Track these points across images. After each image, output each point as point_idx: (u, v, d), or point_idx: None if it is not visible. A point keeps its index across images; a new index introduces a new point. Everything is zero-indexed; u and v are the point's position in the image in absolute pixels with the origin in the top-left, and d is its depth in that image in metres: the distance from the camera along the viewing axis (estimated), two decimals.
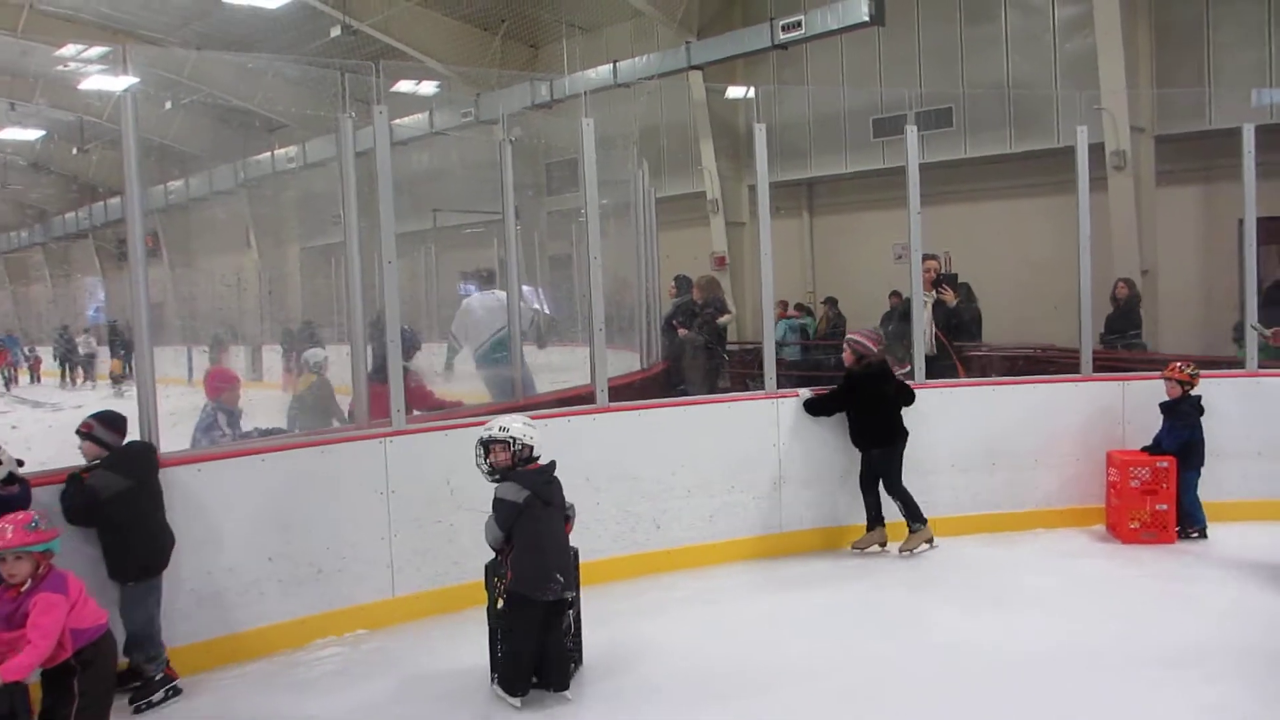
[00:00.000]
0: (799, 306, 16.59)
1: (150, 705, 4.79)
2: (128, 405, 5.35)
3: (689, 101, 18.21)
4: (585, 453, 6.42)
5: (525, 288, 7.78)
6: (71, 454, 5.01)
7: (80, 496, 4.77)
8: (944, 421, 7.38)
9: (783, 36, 14.88)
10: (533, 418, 5.24)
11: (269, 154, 22.85)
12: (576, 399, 7.24)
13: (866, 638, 5.54)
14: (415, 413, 6.61)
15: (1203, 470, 7.18)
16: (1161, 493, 7.07)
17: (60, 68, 19.64)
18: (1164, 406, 7.20)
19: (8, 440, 4.87)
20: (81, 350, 22.56)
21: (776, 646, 5.42)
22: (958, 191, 14.20)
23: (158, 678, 4.87)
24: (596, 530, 6.40)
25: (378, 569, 5.80)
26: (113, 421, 5.06)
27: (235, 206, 26.03)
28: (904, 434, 7.05)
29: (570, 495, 6.38)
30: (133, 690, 4.81)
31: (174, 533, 5.06)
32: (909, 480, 7.02)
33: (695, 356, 9.75)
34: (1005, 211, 14.77)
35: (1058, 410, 7.58)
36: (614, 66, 16.83)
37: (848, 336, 7.38)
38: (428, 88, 19.39)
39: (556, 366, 9.34)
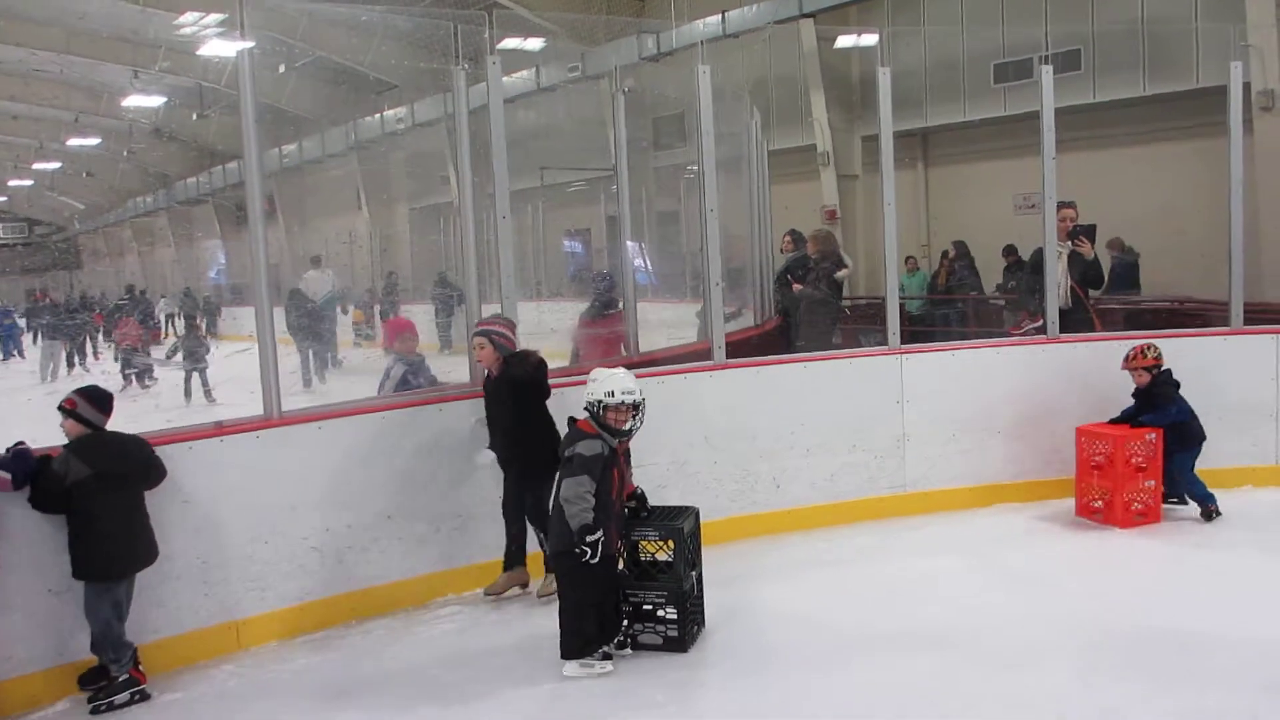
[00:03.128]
0: (910, 259, 16.11)
1: (112, 707, 4.50)
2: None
3: (799, 52, 17.69)
4: (704, 410, 6.34)
5: (629, 243, 7.61)
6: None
7: (46, 480, 4.41)
8: (1078, 378, 6.97)
9: None
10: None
11: (378, 116, 23.15)
12: (690, 356, 7.08)
13: (997, 601, 5.29)
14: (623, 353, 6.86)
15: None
16: (1151, 468, 6.46)
17: (178, 34, 20.06)
18: (1139, 394, 6.59)
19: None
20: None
21: (899, 610, 5.23)
22: (1085, 138, 13.45)
23: (121, 679, 4.54)
24: (715, 490, 6.31)
25: (494, 527, 5.74)
26: (97, 399, 4.65)
27: (346, 168, 26.51)
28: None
29: (689, 454, 6.27)
30: (95, 690, 4.55)
31: (158, 545, 4.66)
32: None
33: (811, 311, 9.45)
34: (1136, 159, 13.97)
35: (1209, 367, 6.97)
36: (723, 16, 16.39)
37: (479, 328, 5.51)
38: (534, 43, 19.23)
39: (669, 322, 9.21)
